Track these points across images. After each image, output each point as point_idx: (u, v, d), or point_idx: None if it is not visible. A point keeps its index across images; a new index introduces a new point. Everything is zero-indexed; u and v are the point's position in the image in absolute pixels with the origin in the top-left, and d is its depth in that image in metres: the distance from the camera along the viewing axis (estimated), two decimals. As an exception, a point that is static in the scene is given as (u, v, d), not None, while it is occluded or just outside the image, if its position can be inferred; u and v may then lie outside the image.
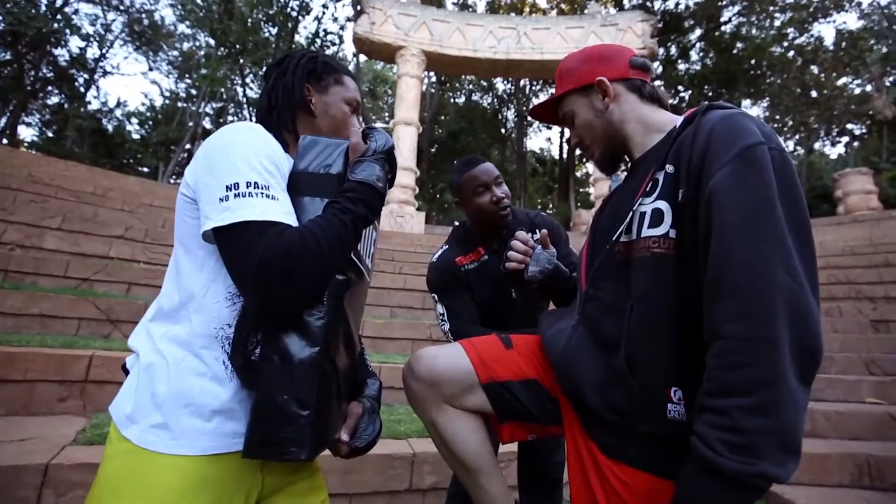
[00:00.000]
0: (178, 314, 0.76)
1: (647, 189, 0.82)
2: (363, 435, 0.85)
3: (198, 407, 0.72)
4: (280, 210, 0.73)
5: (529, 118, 1.45)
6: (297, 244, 0.69)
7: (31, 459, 1.70)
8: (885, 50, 17.02)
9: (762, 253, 0.63)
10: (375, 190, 0.79)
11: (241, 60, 19.04)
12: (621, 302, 0.82)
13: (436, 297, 1.54)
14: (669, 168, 0.79)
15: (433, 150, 23.50)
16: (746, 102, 22.37)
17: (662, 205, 0.78)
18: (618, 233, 0.85)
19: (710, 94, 21.00)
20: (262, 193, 0.71)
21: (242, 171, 0.72)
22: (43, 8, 17.14)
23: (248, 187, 0.71)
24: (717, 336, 0.64)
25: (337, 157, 0.81)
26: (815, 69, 19.49)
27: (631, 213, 0.84)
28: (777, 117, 22.38)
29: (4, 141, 17.28)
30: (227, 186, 0.71)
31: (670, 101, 0.95)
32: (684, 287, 0.74)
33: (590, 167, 18.57)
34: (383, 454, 2.20)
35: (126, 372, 0.79)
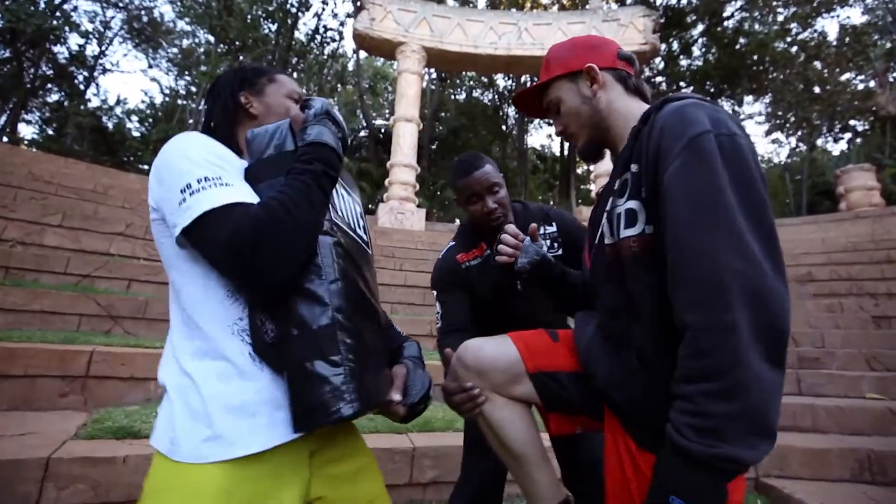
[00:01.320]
0: (190, 331, 0.77)
1: (619, 189, 0.84)
2: (413, 391, 0.87)
3: (240, 406, 0.72)
4: (237, 193, 0.74)
5: (515, 110, 1.40)
6: (265, 214, 0.70)
7: (32, 454, 1.71)
8: (888, 45, 16.91)
9: (710, 241, 0.64)
10: (326, 145, 0.80)
11: (241, 57, 19.00)
12: (620, 302, 0.83)
13: (435, 295, 1.56)
14: (634, 167, 0.81)
15: (434, 146, 23.43)
16: (749, 98, 22.30)
17: (634, 204, 0.79)
18: (599, 235, 0.88)
19: (712, 90, 20.91)
20: (214, 184, 0.73)
21: (190, 171, 0.73)
22: (42, 5, 17.11)
23: (199, 183, 0.72)
24: (681, 326, 0.67)
25: (284, 135, 0.82)
26: (818, 65, 19.39)
27: (606, 215, 0.86)
28: (779, 113, 22.30)
29: (4, 139, 17.28)
30: (181, 190, 0.72)
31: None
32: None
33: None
34: (384, 448, 2.20)
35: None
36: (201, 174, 0.73)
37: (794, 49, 19.39)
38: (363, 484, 0.87)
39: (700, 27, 20.44)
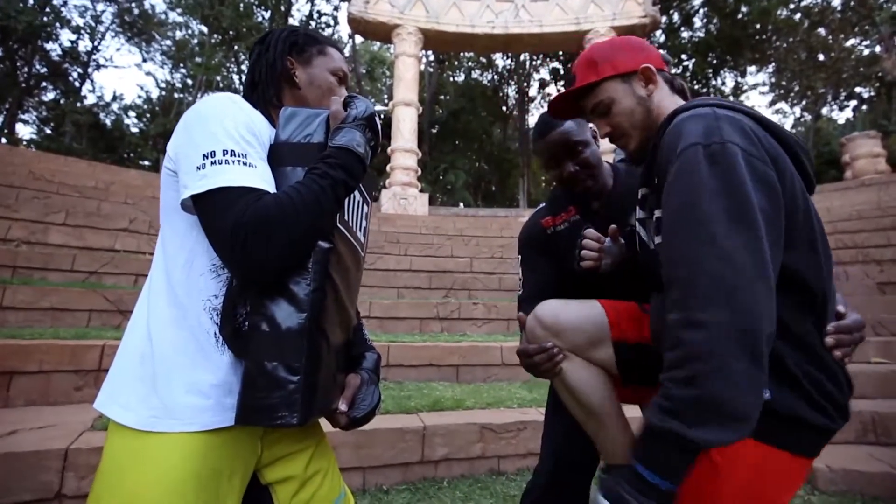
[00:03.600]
0: (166, 290, 0.76)
1: (643, 199, 0.90)
2: (361, 405, 0.85)
3: (194, 384, 0.72)
4: (257, 177, 0.73)
5: (552, 115, 1.28)
6: (274, 208, 0.70)
7: (52, 445, 1.75)
8: (894, 9, 16.48)
9: (690, 246, 0.71)
10: (355, 155, 0.79)
11: (236, 47, 18.80)
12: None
13: (519, 260, 1.48)
14: (656, 180, 0.85)
15: (434, 130, 23.25)
16: (752, 69, 21.89)
17: (659, 213, 0.84)
18: (644, 241, 0.94)
19: (715, 61, 20.52)
20: (238, 161, 0.72)
21: (220, 139, 0.72)
22: (31, 1, 16.93)
23: (224, 155, 0.71)
24: (667, 323, 0.73)
25: (318, 127, 0.81)
26: (822, 31, 18.95)
27: (641, 224, 0.92)
28: (783, 83, 21.90)
29: (3, 140, 17.28)
30: (203, 155, 0.71)
31: (674, 71, 0.96)
32: None
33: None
34: (395, 428, 2.24)
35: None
36: (229, 146, 0.72)
37: (798, 16, 18.93)
38: (315, 458, 0.89)
39: (701, -3, 19.98)
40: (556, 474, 1.35)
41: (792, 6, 18.85)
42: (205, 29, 19.42)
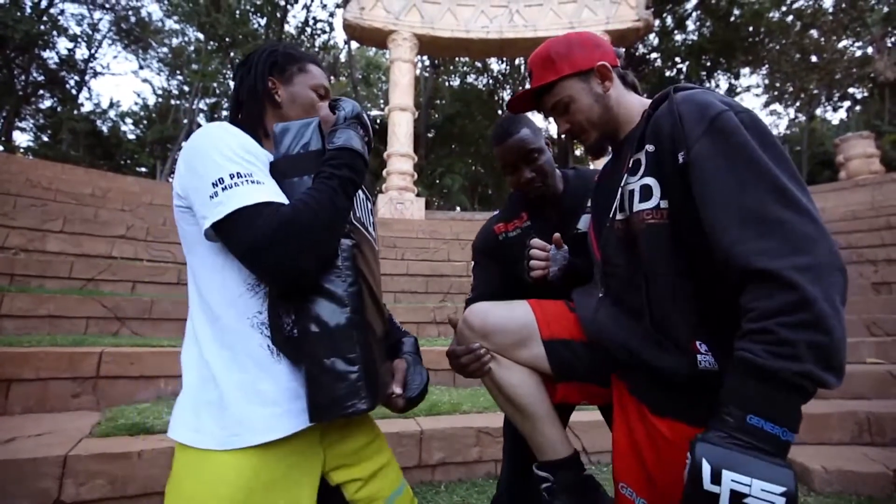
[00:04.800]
0: (210, 320, 0.80)
1: (631, 168, 0.88)
2: (412, 385, 0.92)
3: (260, 396, 0.76)
4: (268, 192, 0.76)
5: (512, 112, 1.29)
6: (293, 215, 0.73)
7: (50, 452, 1.75)
8: (886, 10, 16.63)
9: (761, 197, 0.70)
10: (355, 152, 0.82)
11: (232, 54, 18.82)
12: (635, 274, 0.88)
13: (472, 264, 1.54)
14: (650, 147, 0.85)
15: (430, 134, 23.31)
16: (745, 71, 22.01)
17: (650, 180, 0.84)
18: (612, 210, 0.92)
19: (708, 63, 20.63)
20: (247, 181, 0.75)
21: (223, 165, 0.75)
22: (28, 10, 16.95)
23: (231, 178, 0.74)
24: (746, 275, 0.68)
25: (312, 135, 0.84)
26: (814, 33, 19.08)
27: (620, 192, 0.90)
28: (777, 84, 22.03)
29: (0, 148, 17.25)
30: (212, 184, 0.74)
31: (668, 74, 0.98)
32: (685, 250, 0.81)
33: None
34: (392, 433, 2.25)
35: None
36: (234, 169, 0.75)
37: (790, 18, 19.07)
38: (375, 455, 0.93)
39: (694, 0, 20.13)
40: (515, 484, 1.38)
41: (784, 8, 19.00)
42: (201, 36, 19.45)
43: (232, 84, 1.03)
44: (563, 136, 1.04)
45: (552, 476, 0.97)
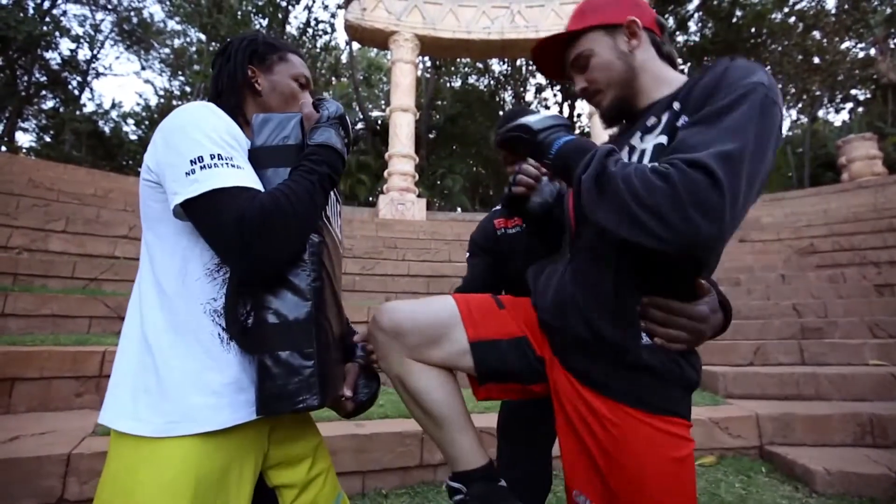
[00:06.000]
0: (160, 302, 0.77)
1: (649, 127, 0.82)
2: (363, 390, 0.91)
3: (206, 385, 0.74)
4: (247, 177, 0.75)
5: (533, 55, 0.95)
6: (271, 204, 0.72)
7: (53, 451, 1.76)
8: (888, 11, 16.59)
9: (737, 139, 0.68)
10: (335, 150, 0.82)
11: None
12: (607, 243, 0.82)
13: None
14: (676, 105, 0.80)
15: (431, 135, 23.31)
16: (747, 72, 21.93)
17: (664, 139, 0.78)
18: None
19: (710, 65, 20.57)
20: (227, 163, 0.74)
21: (204, 144, 0.74)
22: (31, 11, 17.00)
23: (212, 159, 0.73)
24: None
25: (293, 129, 0.83)
26: (817, 34, 19.06)
27: (628, 148, 0.83)
28: (779, 86, 21.92)
29: (3, 148, 17.31)
30: (191, 161, 0.72)
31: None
32: None
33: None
34: (394, 432, 2.25)
35: None
36: (215, 150, 0.74)
37: (792, 19, 19.06)
38: (317, 461, 0.92)
39: (695, 1, 20.12)
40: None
41: (786, 9, 18.99)
42: (203, 37, 19.48)
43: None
44: (581, 94, 0.95)
45: (465, 488, 0.91)
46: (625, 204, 0.67)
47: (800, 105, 22.46)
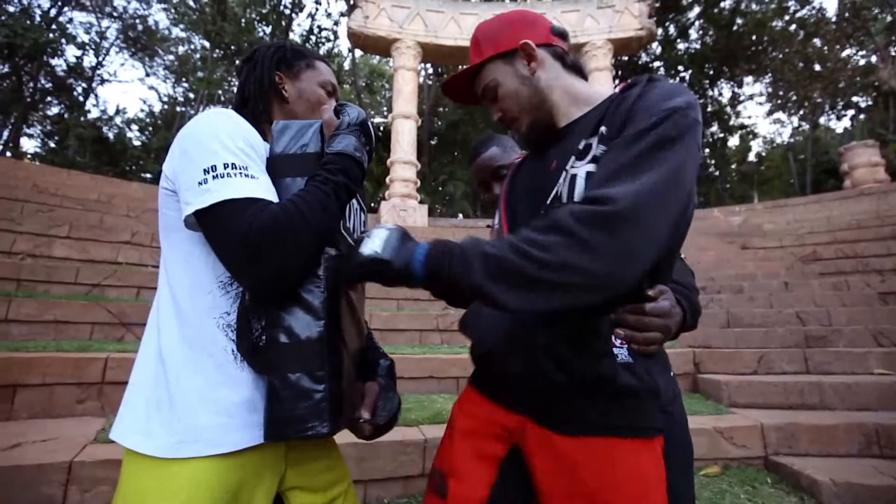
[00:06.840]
0: (175, 313, 0.75)
1: (582, 151, 0.79)
2: (382, 413, 0.85)
3: (217, 403, 0.71)
4: (260, 188, 0.73)
5: (444, 94, 1.02)
6: (281, 216, 0.69)
7: (55, 458, 1.75)
8: (889, 19, 16.65)
9: (656, 184, 0.67)
10: (353, 159, 0.79)
11: (237, 61, 19.00)
12: None
13: None
14: (603, 129, 0.77)
15: (433, 142, 23.40)
16: (748, 79, 22.07)
17: (591, 167, 0.76)
18: (551, 197, 0.81)
19: (711, 72, 20.69)
20: (240, 173, 0.71)
21: (218, 153, 0.72)
22: (37, 18, 17.18)
23: (225, 168, 0.71)
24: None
25: (312, 136, 0.81)
26: (817, 42, 19.13)
27: (564, 175, 0.79)
28: (780, 93, 22.05)
29: (8, 154, 17.42)
30: (204, 170, 0.71)
31: (671, 81, 0.94)
32: None
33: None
34: (396, 441, 2.24)
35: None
36: (229, 159, 0.72)
37: (793, 27, 19.15)
38: (337, 482, 0.88)
39: (696, 9, 20.24)
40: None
41: (787, 17, 19.08)
42: (207, 44, 19.65)
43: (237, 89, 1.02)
44: (500, 123, 0.93)
45: None
46: (529, 275, 0.63)
47: (801, 112, 22.50)
